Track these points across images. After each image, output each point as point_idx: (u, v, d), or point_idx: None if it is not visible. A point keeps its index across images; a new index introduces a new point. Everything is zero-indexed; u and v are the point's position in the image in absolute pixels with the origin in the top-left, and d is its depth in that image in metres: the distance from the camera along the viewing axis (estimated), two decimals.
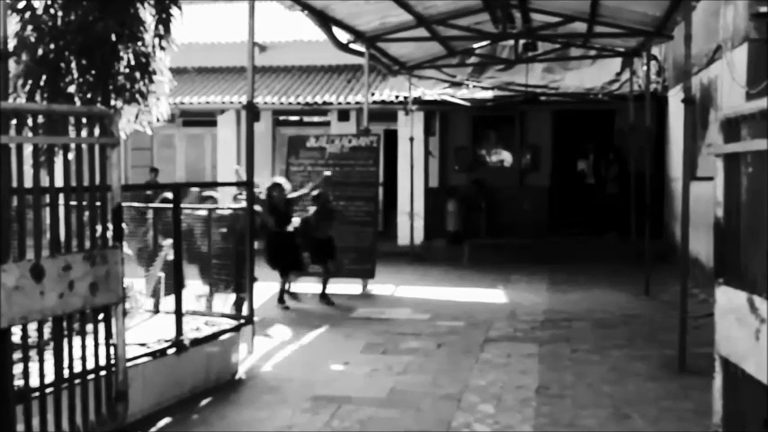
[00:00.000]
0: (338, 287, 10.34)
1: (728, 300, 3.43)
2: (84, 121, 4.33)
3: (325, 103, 15.91)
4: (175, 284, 5.96)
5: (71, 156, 4.20)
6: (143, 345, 5.48)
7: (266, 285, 9.67)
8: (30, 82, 5.91)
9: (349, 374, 6.57)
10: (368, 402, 5.71)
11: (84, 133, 4.33)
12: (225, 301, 7.26)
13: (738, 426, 3.45)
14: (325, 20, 9.82)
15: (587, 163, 16.30)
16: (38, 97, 5.92)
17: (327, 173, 10.52)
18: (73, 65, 6.01)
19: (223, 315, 6.82)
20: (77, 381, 4.10)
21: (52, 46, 5.94)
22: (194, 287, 7.31)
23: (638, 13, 9.63)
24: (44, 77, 5.93)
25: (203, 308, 7.05)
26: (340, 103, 15.87)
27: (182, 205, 6.45)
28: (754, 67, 7.83)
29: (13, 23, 5.84)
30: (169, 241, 7.07)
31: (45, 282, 3.76)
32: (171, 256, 7.25)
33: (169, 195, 7.71)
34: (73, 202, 4.27)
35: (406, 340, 7.83)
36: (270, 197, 9.62)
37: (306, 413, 5.46)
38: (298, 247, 9.81)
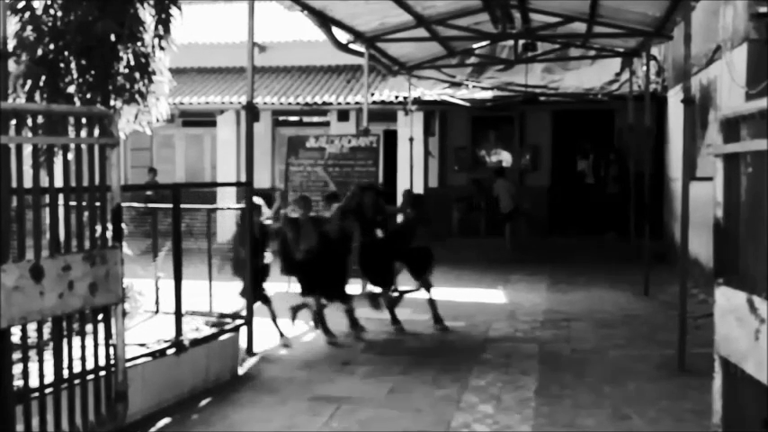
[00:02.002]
0: None
1: (728, 300, 3.43)
2: (83, 121, 4.32)
3: (324, 103, 15.91)
4: (175, 284, 5.94)
5: (71, 156, 4.20)
6: (143, 345, 5.48)
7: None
8: (29, 82, 5.91)
9: (349, 374, 6.58)
10: (367, 402, 5.71)
11: (83, 133, 4.33)
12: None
13: (738, 426, 3.45)
14: (324, 20, 9.80)
15: (587, 163, 16.31)
16: (37, 97, 5.92)
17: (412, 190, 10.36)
18: (72, 65, 6.01)
19: (222, 315, 6.82)
20: (77, 381, 4.10)
21: (52, 46, 5.94)
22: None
23: (638, 13, 9.62)
24: (44, 77, 5.93)
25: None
26: (340, 104, 15.88)
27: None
28: (754, 68, 7.83)
29: (13, 23, 5.84)
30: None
31: (44, 282, 3.76)
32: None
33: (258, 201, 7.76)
34: (73, 203, 4.27)
35: (406, 340, 7.84)
36: (360, 200, 8.40)
37: (305, 413, 5.46)
38: (390, 257, 8.52)
